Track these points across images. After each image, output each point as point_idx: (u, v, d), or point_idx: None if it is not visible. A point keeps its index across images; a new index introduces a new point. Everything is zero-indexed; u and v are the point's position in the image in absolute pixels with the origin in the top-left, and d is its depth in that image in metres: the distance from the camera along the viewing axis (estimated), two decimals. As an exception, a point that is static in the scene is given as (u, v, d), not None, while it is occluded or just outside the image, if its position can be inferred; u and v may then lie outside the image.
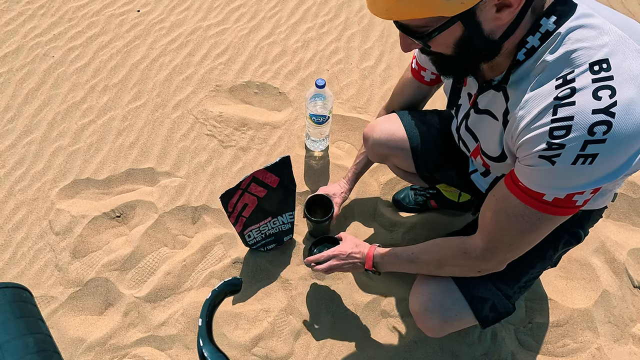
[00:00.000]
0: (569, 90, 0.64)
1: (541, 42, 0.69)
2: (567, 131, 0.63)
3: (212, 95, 1.85)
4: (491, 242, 0.84)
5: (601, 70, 0.63)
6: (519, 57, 0.72)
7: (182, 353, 1.30)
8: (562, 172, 0.66)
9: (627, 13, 2.22)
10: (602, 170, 0.65)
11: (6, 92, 1.84)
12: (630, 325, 1.34)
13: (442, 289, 1.01)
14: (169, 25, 2.07)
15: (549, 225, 0.77)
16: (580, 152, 0.63)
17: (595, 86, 0.62)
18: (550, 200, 0.71)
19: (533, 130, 0.68)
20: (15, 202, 1.57)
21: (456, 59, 0.74)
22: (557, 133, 0.64)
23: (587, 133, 0.62)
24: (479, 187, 1.08)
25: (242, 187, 1.24)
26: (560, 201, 0.71)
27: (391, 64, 1.95)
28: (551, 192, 0.70)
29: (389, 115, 1.25)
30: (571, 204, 0.72)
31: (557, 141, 0.64)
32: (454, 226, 1.51)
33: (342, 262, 1.12)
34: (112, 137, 1.73)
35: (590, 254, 1.44)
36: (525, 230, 0.78)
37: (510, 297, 1.00)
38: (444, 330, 1.04)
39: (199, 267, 1.44)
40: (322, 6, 2.15)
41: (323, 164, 1.66)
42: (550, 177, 0.68)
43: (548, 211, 0.73)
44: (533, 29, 0.69)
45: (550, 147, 0.65)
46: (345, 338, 1.32)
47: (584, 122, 0.62)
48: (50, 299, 1.39)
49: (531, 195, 0.72)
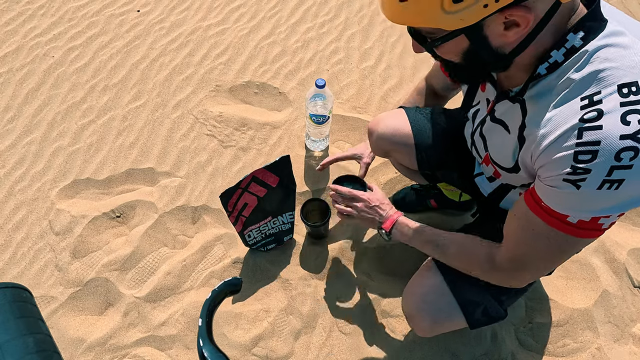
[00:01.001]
0: (596, 113, 0.62)
1: (565, 58, 0.66)
2: (593, 156, 0.61)
3: (212, 95, 1.85)
4: (517, 261, 0.82)
5: (630, 94, 0.61)
6: (540, 71, 0.69)
7: (182, 353, 1.30)
8: (587, 196, 0.65)
9: (627, 13, 2.22)
10: (628, 195, 0.63)
11: (6, 92, 1.84)
12: (631, 325, 1.34)
13: (435, 292, 1.01)
14: (169, 25, 2.07)
15: (575, 247, 0.75)
16: (607, 177, 0.61)
17: (624, 110, 0.60)
18: (575, 222, 0.69)
19: (557, 152, 0.66)
20: (15, 202, 1.57)
21: (465, 68, 0.74)
22: (582, 157, 0.62)
23: (613, 159, 0.60)
24: (481, 190, 1.07)
25: (242, 187, 1.24)
26: (585, 224, 0.69)
27: (391, 64, 1.95)
28: (576, 214, 0.68)
29: (395, 110, 1.24)
30: (597, 227, 0.70)
31: (583, 166, 0.62)
32: (454, 226, 1.51)
33: (366, 210, 1.07)
34: (112, 137, 1.73)
35: (590, 254, 1.44)
36: (550, 251, 0.76)
37: (502, 303, 0.99)
38: (434, 331, 1.05)
39: (199, 267, 1.44)
40: (322, 6, 2.15)
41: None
42: (575, 200, 0.67)
43: (573, 233, 0.71)
44: (558, 44, 0.66)
45: (575, 172, 0.63)
46: (345, 338, 1.32)
47: (610, 147, 0.60)
48: (50, 299, 1.39)
49: (555, 216, 0.71)
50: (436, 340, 1.29)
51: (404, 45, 2.00)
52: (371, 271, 1.43)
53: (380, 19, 2.10)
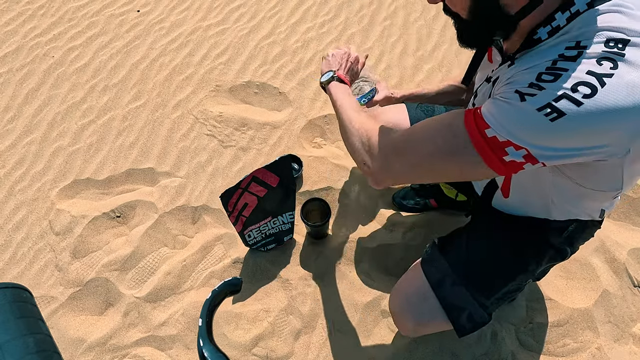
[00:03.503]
0: (576, 52, 0.62)
1: (567, 22, 0.66)
2: (555, 78, 0.61)
3: (212, 95, 1.84)
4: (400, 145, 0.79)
5: (616, 47, 0.60)
6: (541, 35, 0.68)
7: (182, 353, 1.30)
8: (522, 114, 0.62)
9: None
10: (553, 137, 0.62)
11: (6, 92, 1.84)
12: (631, 324, 1.34)
13: (419, 294, 1.01)
14: (169, 25, 2.07)
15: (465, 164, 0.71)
16: (553, 101, 0.60)
17: (603, 55, 0.60)
18: (489, 136, 0.66)
19: (524, 73, 0.66)
20: (15, 202, 1.57)
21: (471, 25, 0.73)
22: (545, 77, 0.62)
23: (570, 87, 0.59)
24: (475, 188, 1.08)
25: (242, 187, 1.24)
26: (495, 143, 0.66)
27: (391, 64, 1.95)
28: (497, 128, 0.65)
29: (396, 105, 1.24)
30: (500, 154, 0.66)
31: (540, 83, 0.62)
32: (453, 225, 1.50)
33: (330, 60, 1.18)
34: (112, 137, 1.73)
35: (590, 254, 1.44)
36: (443, 149, 0.72)
37: (486, 307, 0.98)
38: (418, 332, 1.05)
39: (199, 267, 1.44)
40: (322, 6, 2.15)
41: (323, 164, 1.66)
42: (508, 113, 0.64)
43: (477, 144, 0.67)
44: (563, 7, 0.65)
45: (530, 85, 0.63)
46: (345, 338, 1.32)
47: (573, 76, 0.60)
48: (51, 299, 1.39)
49: (478, 121, 0.68)
50: (436, 340, 1.29)
51: (404, 45, 2.00)
52: (371, 271, 1.43)
53: (380, 19, 2.10)
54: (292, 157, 1.57)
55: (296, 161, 1.59)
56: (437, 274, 1.00)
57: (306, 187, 1.59)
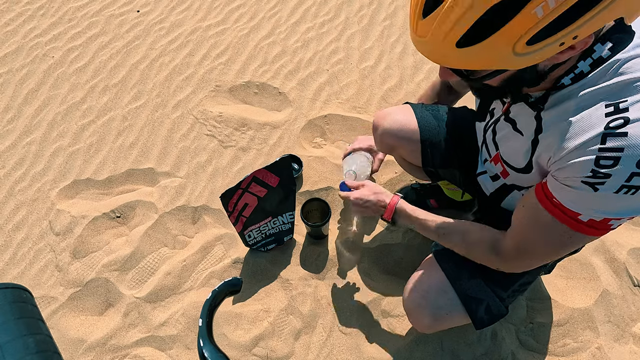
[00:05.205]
0: (622, 120, 0.62)
1: (592, 69, 0.66)
2: (615, 162, 0.62)
3: (212, 95, 1.84)
4: (521, 250, 0.83)
5: None
6: (564, 82, 0.69)
7: (183, 353, 1.30)
8: (603, 199, 0.66)
9: None
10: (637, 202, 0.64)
11: (6, 92, 1.84)
12: (631, 324, 1.34)
13: (436, 288, 1.01)
14: (169, 26, 2.07)
15: (580, 242, 0.76)
16: (626, 182, 0.62)
17: None
18: (586, 220, 0.70)
19: (579, 156, 0.65)
20: (15, 202, 1.57)
21: (500, 90, 0.73)
22: (604, 162, 0.63)
23: (635, 166, 0.61)
24: (483, 189, 1.07)
25: (243, 187, 1.24)
26: (595, 223, 0.70)
27: (391, 64, 1.95)
28: (588, 213, 0.69)
29: (401, 106, 1.23)
30: (606, 227, 0.71)
31: (604, 170, 0.63)
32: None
33: (361, 207, 1.11)
34: (112, 137, 1.73)
35: (590, 254, 1.44)
36: (556, 244, 0.77)
37: (503, 300, 0.99)
38: (433, 328, 1.05)
39: (199, 267, 1.44)
40: (322, 6, 2.15)
41: (323, 164, 1.66)
42: (590, 201, 0.67)
43: (581, 230, 0.72)
44: (584, 54, 0.66)
45: (595, 175, 0.64)
46: (345, 338, 1.32)
47: (633, 155, 0.61)
48: (51, 299, 1.39)
49: (566, 212, 0.71)
50: (436, 340, 1.29)
51: (404, 45, 2.00)
52: (371, 271, 1.43)
53: (380, 19, 2.10)
54: (292, 157, 1.58)
55: (296, 161, 1.59)
56: (454, 267, 0.99)
57: (306, 187, 1.59)
